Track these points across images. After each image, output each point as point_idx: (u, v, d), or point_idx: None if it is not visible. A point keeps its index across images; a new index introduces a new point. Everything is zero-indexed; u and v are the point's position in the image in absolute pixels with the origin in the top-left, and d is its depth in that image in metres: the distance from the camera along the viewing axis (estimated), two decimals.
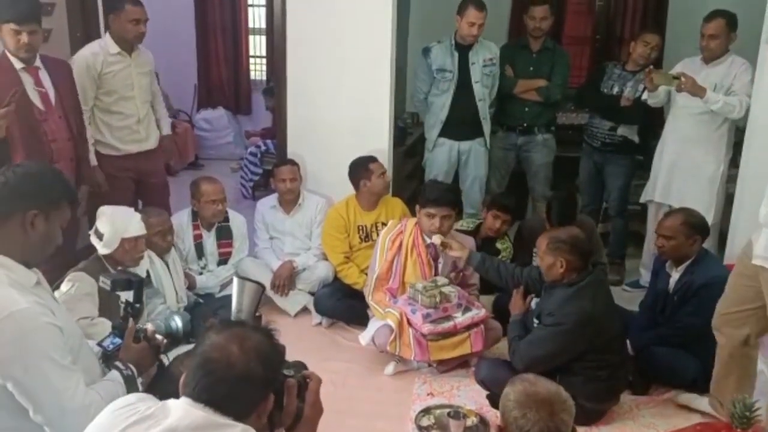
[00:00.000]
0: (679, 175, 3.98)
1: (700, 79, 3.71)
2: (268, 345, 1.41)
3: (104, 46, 3.65)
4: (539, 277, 3.08)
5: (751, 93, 3.66)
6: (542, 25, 4.35)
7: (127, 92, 3.71)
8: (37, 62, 3.24)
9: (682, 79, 3.66)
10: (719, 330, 2.83)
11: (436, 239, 3.36)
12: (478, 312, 3.36)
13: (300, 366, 1.51)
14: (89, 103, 3.62)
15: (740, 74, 3.72)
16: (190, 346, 2.52)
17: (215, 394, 1.34)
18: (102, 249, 3.03)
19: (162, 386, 1.78)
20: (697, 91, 3.66)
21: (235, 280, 1.53)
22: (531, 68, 4.43)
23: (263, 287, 1.56)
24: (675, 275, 3.29)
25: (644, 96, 4.05)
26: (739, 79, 3.71)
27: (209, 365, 1.35)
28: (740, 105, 3.66)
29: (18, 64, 3.11)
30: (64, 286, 2.88)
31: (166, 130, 4.12)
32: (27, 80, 3.17)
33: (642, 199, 4.25)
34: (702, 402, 3.02)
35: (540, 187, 4.62)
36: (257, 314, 1.54)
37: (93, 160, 3.66)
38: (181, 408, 1.35)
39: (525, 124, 4.48)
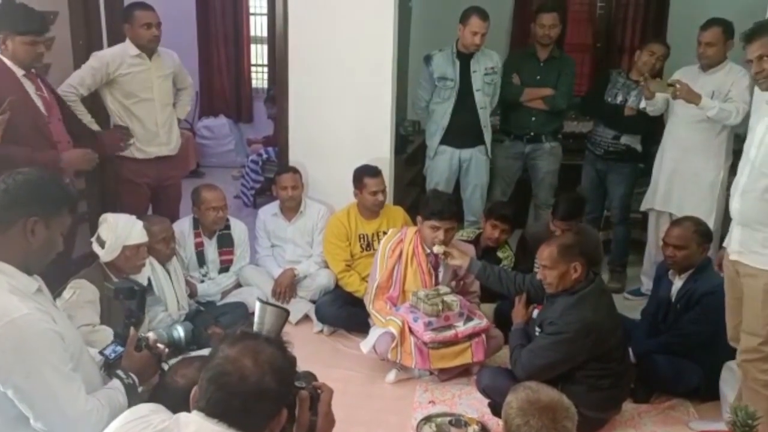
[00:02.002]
0: (679, 182, 3.99)
1: (698, 86, 3.73)
2: (282, 358, 1.39)
3: (125, 48, 3.73)
4: (540, 284, 3.07)
5: (749, 99, 3.67)
6: (551, 32, 4.35)
7: (145, 95, 3.76)
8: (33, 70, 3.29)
9: (677, 85, 3.68)
10: (736, 341, 2.76)
11: (438, 249, 3.35)
12: (480, 322, 3.36)
13: (310, 377, 1.49)
14: (81, 91, 3.64)
15: (737, 81, 3.73)
16: (190, 355, 2.53)
17: (228, 409, 1.32)
18: (104, 256, 3.03)
19: (160, 395, 1.77)
20: (692, 97, 3.67)
21: (258, 304, 1.50)
22: (538, 77, 4.43)
23: (287, 312, 1.53)
24: (678, 283, 3.29)
25: (642, 104, 4.06)
26: (736, 85, 3.72)
27: (222, 379, 1.33)
28: (736, 111, 3.66)
29: (19, 72, 3.14)
30: (66, 293, 2.89)
31: (181, 114, 4.14)
32: (29, 86, 3.20)
33: (642, 207, 4.24)
34: (719, 425, 2.88)
35: (544, 195, 4.62)
36: None
37: (95, 127, 3.73)
38: (194, 422, 1.34)
39: (532, 133, 4.49)
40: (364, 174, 3.89)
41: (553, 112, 4.47)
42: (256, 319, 1.49)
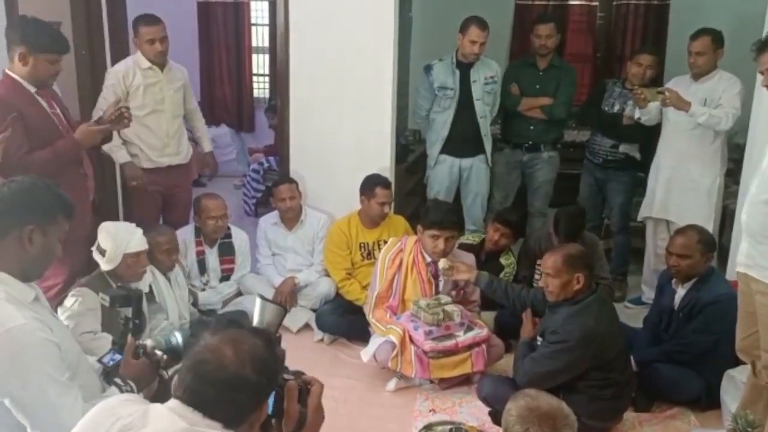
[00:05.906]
0: (676, 190, 3.99)
1: (690, 95, 3.75)
2: (265, 350, 1.35)
3: (136, 60, 3.77)
4: (543, 297, 3.07)
5: (739, 105, 3.69)
6: (548, 42, 4.36)
7: (157, 106, 3.80)
8: None
9: (666, 93, 3.70)
10: (744, 353, 2.74)
11: (443, 263, 3.35)
12: (481, 332, 3.35)
13: (299, 373, 1.48)
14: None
15: (728, 88, 3.76)
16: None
17: (204, 398, 1.29)
18: (104, 265, 3.04)
19: (162, 401, 1.78)
20: (682, 104, 3.69)
21: (258, 300, 1.53)
22: (537, 86, 4.43)
23: (285, 309, 1.56)
24: (680, 292, 3.28)
25: (637, 114, 4.07)
26: (726, 92, 3.75)
27: (200, 367, 1.30)
28: (726, 117, 3.68)
29: (31, 88, 3.13)
30: (68, 301, 2.90)
31: (208, 147, 4.27)
32: (43, 103, 3.20)
33: (639, 217, 4.24)
34: None
35: (539, 203, 4.62)
36: (277, 335, 1.53)
37: (121, 159, 3.80)
38: (162, 416, 1.31)
39: (531, 142, 4.49)
40: (377, 184, 3.87)
41: (553, 122, 4.46)
42: (256, 315, 1.51)
